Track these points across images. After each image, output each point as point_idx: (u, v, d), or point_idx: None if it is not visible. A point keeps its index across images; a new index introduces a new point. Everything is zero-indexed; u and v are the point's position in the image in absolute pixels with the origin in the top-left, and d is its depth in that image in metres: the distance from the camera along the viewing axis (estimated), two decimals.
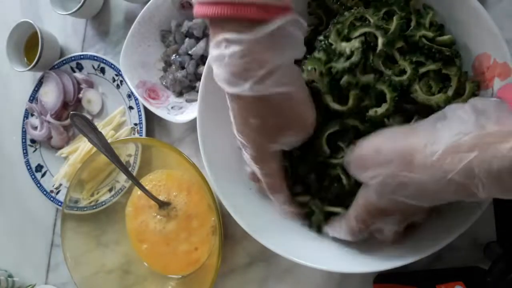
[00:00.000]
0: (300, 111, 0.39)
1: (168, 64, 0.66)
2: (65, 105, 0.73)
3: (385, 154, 0.35)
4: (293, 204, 0.45)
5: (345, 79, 0.40)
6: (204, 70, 0.49)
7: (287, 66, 0.36)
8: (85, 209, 0.63)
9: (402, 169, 0.33)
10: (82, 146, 0.70)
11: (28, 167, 0.74)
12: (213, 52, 0.34)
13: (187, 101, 0.64)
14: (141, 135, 0.65)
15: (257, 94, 0.35)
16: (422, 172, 0.32)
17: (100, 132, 0.53)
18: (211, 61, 0.35)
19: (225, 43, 0.33)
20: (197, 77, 0.63)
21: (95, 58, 0.70)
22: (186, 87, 0.64)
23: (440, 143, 0.31)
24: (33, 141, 0.76)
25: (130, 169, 0.62)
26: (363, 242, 0.44)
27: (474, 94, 0.40)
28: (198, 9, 0.33)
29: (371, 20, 0.41)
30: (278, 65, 0.34)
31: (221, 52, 0.33)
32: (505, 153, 0.28)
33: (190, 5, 0.61)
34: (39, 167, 0.74)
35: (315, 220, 0.45)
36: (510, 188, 0.29)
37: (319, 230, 0.45)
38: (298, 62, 0.39)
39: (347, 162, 0.40)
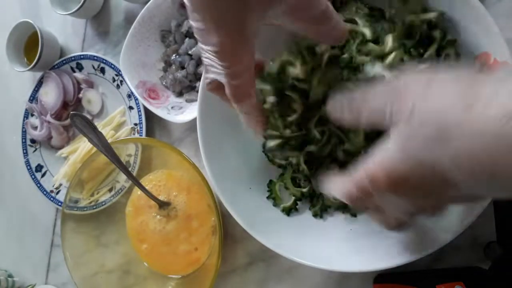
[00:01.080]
0: None
1: (168, 64, 0.66)
2: (65, 105, 0.73)
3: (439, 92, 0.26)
4: (261, 111, 0.38)
5: None
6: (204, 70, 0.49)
7: None
8: (85, 209, 0.63)
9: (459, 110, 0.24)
10: (82, 146, 0.70)
11: (28, 167, 0.74)
12: None
13: (187, 101, 0.64)
14: (141, 135, 0.65)
15: None
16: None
17: (100, 132, 0.53)
18: None
19: None
20: (197, 77, 0.63)
21: (95, 58, 0.70)
22: (186, 87, 0.64)
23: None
24: (33, 141, 0.76)
25: (130, 169, 0.62)
26: (363, 237, 0.44)
27: None
28: None
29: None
30: None
31: None
32: None
33: None
34: (39, 167, 0.74)
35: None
36: None
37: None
38: None
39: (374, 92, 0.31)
